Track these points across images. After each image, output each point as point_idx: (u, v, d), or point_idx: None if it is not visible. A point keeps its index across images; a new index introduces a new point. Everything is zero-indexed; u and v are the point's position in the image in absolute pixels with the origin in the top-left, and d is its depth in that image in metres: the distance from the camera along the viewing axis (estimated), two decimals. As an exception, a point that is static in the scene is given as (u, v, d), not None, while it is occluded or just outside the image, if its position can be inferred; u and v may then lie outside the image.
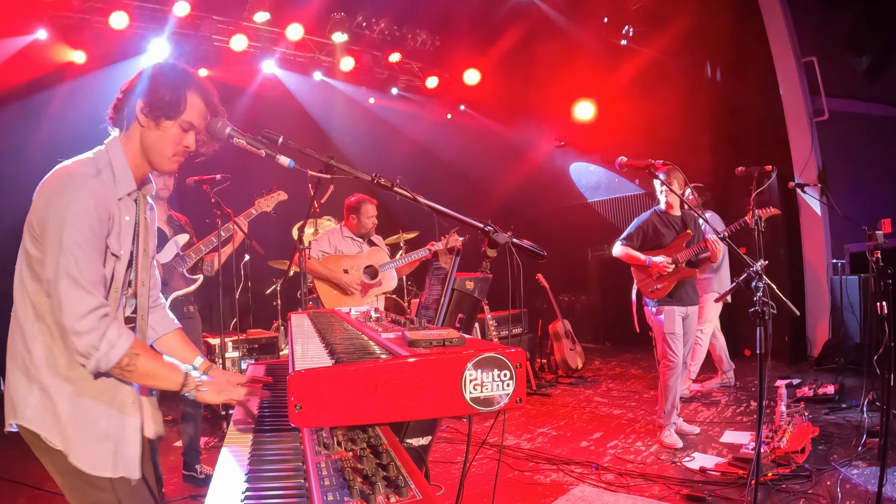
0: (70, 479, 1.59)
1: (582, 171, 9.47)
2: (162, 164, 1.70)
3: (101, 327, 1.50)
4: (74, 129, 1.74)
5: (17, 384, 1.59)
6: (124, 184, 1.65)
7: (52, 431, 1.57)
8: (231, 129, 1.78)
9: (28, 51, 5.89)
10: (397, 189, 1.82)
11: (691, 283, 4.31)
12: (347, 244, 4.61)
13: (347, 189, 4.36)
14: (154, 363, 1.59)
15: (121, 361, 1.52)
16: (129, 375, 1.55)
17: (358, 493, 0.98)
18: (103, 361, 1.50)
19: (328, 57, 7.79)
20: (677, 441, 4.19)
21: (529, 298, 7.39)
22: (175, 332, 2.05)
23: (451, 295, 1.84)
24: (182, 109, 1.65)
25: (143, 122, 1.65)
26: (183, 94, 1.65)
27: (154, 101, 1.63)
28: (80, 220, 1.50)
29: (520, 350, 1.16)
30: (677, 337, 4.22)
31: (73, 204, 1.50)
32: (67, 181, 1.53)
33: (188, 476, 3.73)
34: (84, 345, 1.48)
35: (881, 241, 3.46)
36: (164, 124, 1.64)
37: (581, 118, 8.66)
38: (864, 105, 7.14)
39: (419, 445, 1.66)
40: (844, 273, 6.77)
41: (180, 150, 1.70)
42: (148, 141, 1.66)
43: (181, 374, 1.61)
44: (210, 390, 1.63)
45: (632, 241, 4.39)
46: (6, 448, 4.36)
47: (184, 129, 1.67)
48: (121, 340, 1.52)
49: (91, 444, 1.59)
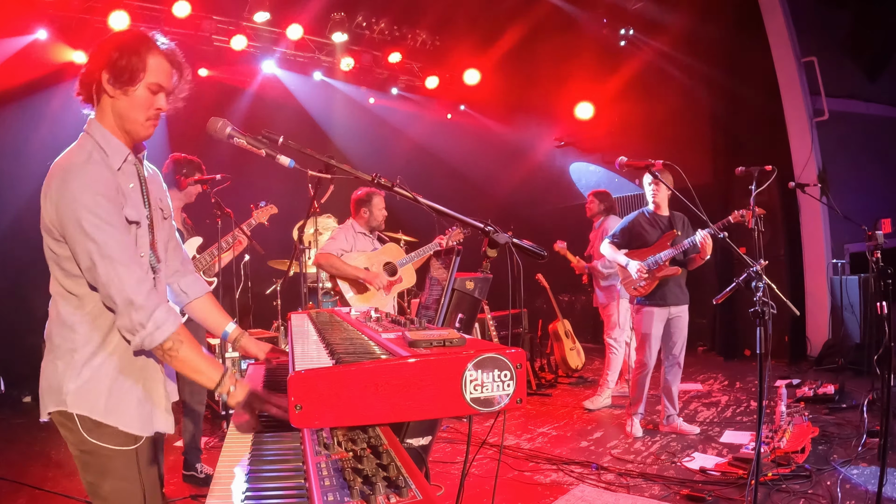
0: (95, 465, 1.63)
1: (582, 171, 9.47)
2: (137, 131, 1.69)
3: (151, 306, 1.54)
4: (74, 129, 1.74)
5: (56, 373, 1.63)
6: (117, 153, 1.66)
7: (95, 409, 1.61)
8: (231, 129, 1.78)
9: (28, 51, 5.89)
10: (397, 189, 1.82)
11: (676, 282, 4.37)
12: (361, 240, 4.47)
13: (348, 189, 4.35)
14: (196, 353, 1.61)
15: (164, 343, 1.55)
16: (169, 359, 1.58)
17: (358, 494, 0.98)
18: (147, 340, 1.54)
19: (328, 57, 7.79)
20: (637, 431, 4.45)
21: (529, 298, 7.39)
22: (206, 296, 2.06)
23: (451, 295, 1.84)
24: (144, 70, 1.64)
25: (110, 92, 1.65)
26: (143, 57, 1.64)
27: (116, 69, 1.62)
28: (92, 205, 1.52)
29: (520, 350, 1.16)
30: (652, 339, 4.36)
31: (79, 193, 1.52)
32: (65, 175, 1.55)
33: (188, 476, 3.73)
34: (133, 320, 1.53)
35: (881, 241, 3.46)
36: (131, 90, 1.64)
37: (581, 118, 8.67)
38: (864, 105, 7.15)
39: (419, 445, 1.66)
40: (844, 273, 6.78)
41: (152, 113, 1.69)
42: (119, 109, 1.66)
43: (218, 374, 1.59)
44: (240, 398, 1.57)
45: (617, 240, 4.53)
46: (6, 448, 4.37)
47: (152, 92, 1.67)
48: (167, 323, 1.55)
49: (132, 409, 1.65)
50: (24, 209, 1.35)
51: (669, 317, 4.39)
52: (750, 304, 2.61)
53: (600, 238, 5.14)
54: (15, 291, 5.56)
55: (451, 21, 7.78)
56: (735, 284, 2.90)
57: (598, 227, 5.61)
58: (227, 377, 1.60)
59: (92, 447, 1.62)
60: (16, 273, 5.32)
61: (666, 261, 4.29)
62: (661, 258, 4.30)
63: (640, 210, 4.57)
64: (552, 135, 9.48)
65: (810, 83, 6.94)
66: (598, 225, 5.66)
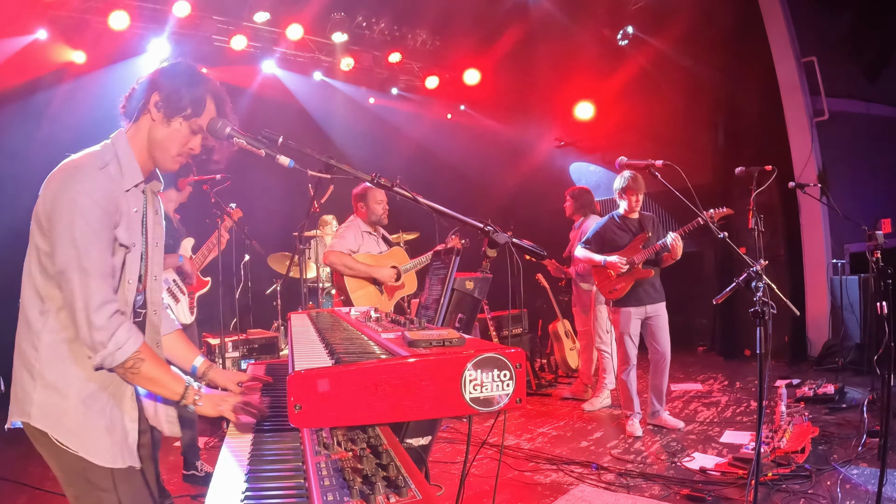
0: (73, 477, 1.60)
1: (582, 171, 9.46)
2: (165, 162, 1.70)
3: (112, 326, 1.52)
4: (74, 129, 1.74)
5: (23, 382, 1.60)
6: (131, 175, 1.65)
7: (59, 428, 1.57)
8: (231, 129, 1.78)
9: (28, 51, 5.89)
10: (397, 189, 1.82)
11: (651, 283, 4.50)
12: (368, 239, 4.45)
13: (348, 189, 4.35)
14: (158, 370, 1.60)
15: (125, 363, 1.54)
16: (131, 377, 1.58)
17: (358, 494, 0.98)
18: (108, 360, 1.52)
19: (328, 57, 7.79)
20: (637, 430, 4.47)
21: (529, 298, 7.38)
22: (176, 332, 2.05)
23: (451, 295, 1.84)
24: (200, 112, 1.67)
25: (154, 115, 1.65)
26: (202, 97, 1.66)
27: (172, 97, 1.63)
28: (88, 212, 1.50)
29: (520, 350, 1.16)
30: (631, 337, 4.50)
31: (80, 195, 1.50)
32: (74, 173, 1.54)
33: (188, 475, 3.73)
34: (94, 340, 1.51)
35: (881, 241, 3.46)
36: (176, 123, 1.65)
37: (581, 118, 8.66)
38: (864, 105, 7.14)
39: (419, 445, 1.66)
40: (844, 273, 6.77)
41: (185, 150, 1.70)
42: (156, 136, 1.66)
43: (182, 385, 1.62)
44: (206, 404, 1.63)
45: (590, 245, 4.69)
46: (6, 448, 4.37)
47: (193, 132, 1.68)
48: (129, 343, 1.54)
49: (100, 436, 1.60)
50: (24, 209, 1.35)
51: (647, 315, 4.53)
52: (750, 304, 2.61)
53: (580, 238, 5.23)
54: (14, 291, 5.54)
55: (451, 21, 7.78)
56: (735, 284, 2.90)
57: (579, 227, 5.61)
58: (190, 390, 1.62)
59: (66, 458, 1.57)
60: (15, 273, 5.30)
61: (639, 263, 4.43)
62: (634, 262, 4.43)
63: (610, 214, 4.71)
64: (552, 135, 9.47)
65: (810, 83, 6.93)
66: (578, 225, 5.66)
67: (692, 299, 7.58)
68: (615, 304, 4.56)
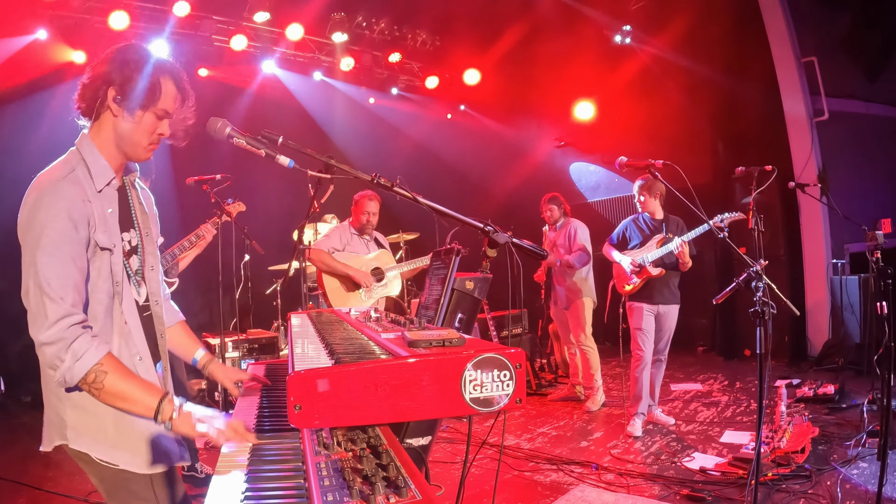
0: (116, 490, 1.59)
1: (582, 171, 9.47)
2: (137, 154, 1.64)
3: (68, 338, 1.41)
4: (74, 129, 1.72)
5: (53, 405, 1.57)
6: (101, 175, 1.59)
7: (97, 447, 1.54)
8: (231, 129, 1.78)
9: (28, 51, 5.89)
10: (397, 189, 1.81)
11: (663, 283, 4.56)
12: (356, 242, 4.67)
13: (347, 189, 4.36)
14: (125, 383, 1.45)
15: (87, 377, 1.42)
16: (96, 393, 1.44)
17: (358, 494, 0.98)
18: (69, 375, 1.42)
19: (328, 57, 7.79)
20: (636, 430, 4.49)
21: (529, 298, 7.38)
22: (178, 324, 2.03)
23: (451, 295, 1.84)
24: (157, 98, 1.58)
25: (115, 111, 1.58)
26: (157, 82, 1.57)
27: (127, 89, 1.55)
28: (50, 228, 1.44)
29: (520, 350, 1.16)
30: (644, 332, 4.56)
31: (41, 213, 1.45)
32: (38, 195, 1.48)
33: (188, 476, 3.73)
34: (50, 356, 1.41)
35: (881, 241, 3.46)
36: (139, 114, 1.58)
37: (581, 118, 8.66)
38: (864, 105, 7.14)
39: (419, 445, 1.66)
40: (844, 273, 6.77)
41: (155, 138, 1.64)
42: (121, 131, 1.59)
43: (155, 400, 1.46)
44: (185, 422, 1.46)
45: (613, 242, 4.84)
46: (6, 448, 4.37)
47: (158, 117, 1.61)
48: (87, 354, 1.42)
49: (136, 445, 1.58)
50: (24, 209, 1.36)
51: (658, 314, 4.58)
52: (750, 304, 2.61)
53: (563, 237, 5.49)
54: (14, 291, 5.54)
55: (451, 21, 7.78)
56: (735, 284, 2.90)
57: (560, 228, 5.62)
58: (166, 402, 1.47)
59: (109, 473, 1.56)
60: (15, 273, 5.31)
61: (651, 263, 4.50)
62: (646, 259, 4.51)
63: (636, 214, 4.82)
64: (552, 135, 9.48)
65: (810, 83, 6.94)
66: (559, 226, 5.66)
67: (692, 299, 7.56)
68: (630, 299, 4.67)
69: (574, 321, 5.52)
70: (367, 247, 4.70)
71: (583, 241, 5.42)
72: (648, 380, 4.61)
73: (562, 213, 5.70)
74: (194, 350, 2.00)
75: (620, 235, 4.81)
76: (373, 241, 4.79)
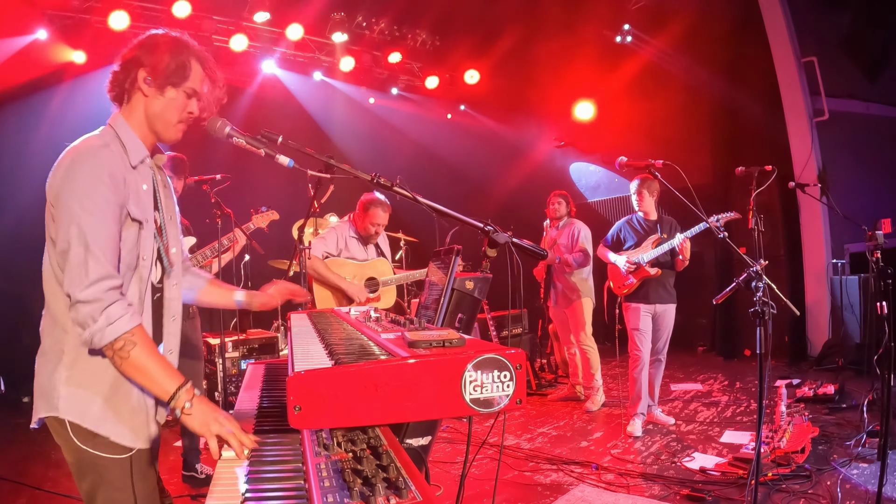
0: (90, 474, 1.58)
1: (582, 171, 9.47)
2: (168, 132, 1.70)
3: (106, 300, 1.44)
4: (74, 129, 1.72)
5: (49, 376, 1.57)
6: (136, 152, 1.64)
7: (86, 416, 1.55)
8: (231, 129, 1.78)
9: (28, 51, 5.89)
10: (397, 189, 1.81)
11: (659, 282, 4.58)
12: (354, 245, 4.28)
13: (347, 189, 4.33)
14: (150, 360, 1.48)
15: (115, 343, 1.44)
16: (119, 361, 1.47)
17: (358, 495, 0.98)
18: (97, 336, 1.43)
19: (328, 57, 7.79)
20: (636, 430, 4.50)
21: (529, 298, 7.38)
22: (209, 282, 2.07)
23: (451, 295, 1.84)
24: (187, 76, 1.66)
25: (146, 91, 1.64)
26: (186, 61, 1.65)
27: (158, 69, 1.62)
28: (91, 188, 1.48)
29: (520, 351, 1.15)
30: (641, 333, 4.58)
31: (82, 174, 1.49)
32: (76, 156, 1.53)
33: (188, 476, 3.73)
34: (84, 314, 1.43)
35: (881, 241, 3.46)
36: (169, 92, 1.65)
37: (581, 118, 8.67)
38: (864, 105, 7.15)
39: (419, 446, 1.65)
40: (844, 273, 6.77)
41: (185, 116, 1.70)
42: (152, 110, 1.66)
43: (174, 385, 1.48)
44: (197, 416, 1.47)
45: (608, 244, 4.88)
46: (6, 448, 4.37)
47: (188, 96, 1.68)
48: (121, 320, 1.45)
49: (126, 418, 1.59)
50: (25, 209, 1.34)
51: (655, 314, 4.61)
52: (750, 304, 2.61)
53: (566, 237, 5.51)
54: (15, 291, 5.56)
55: (451, 21, 7.78)
56: (735, 284, 2.90)
57: (563, 227, 5.63)
58: (185, 391, 1.48)
59: (85, 456, 1.56)
60: (16, 273, 5.32)
61: (647, 263, 4.52)
62: (642, 259, 4.53)
63: (630, 216, 4.84)
64: (552, 135, 9.48)
65: (810, 83, 6.94)
66: (561, 225, 5.67)
67: (692, 299, 7.58)
68: (626, 299, 4.69)
69: (574, 321, 5.52)
70: (365, 252, 4.33)
71: (585, 244, 5.43)
72: (647, 380, 4.62)
73: (567, 211, 5.72)
74: (232, 295, 2.05)
75: (615, 237, 4.84)
76: (371, 245, 4.42)
